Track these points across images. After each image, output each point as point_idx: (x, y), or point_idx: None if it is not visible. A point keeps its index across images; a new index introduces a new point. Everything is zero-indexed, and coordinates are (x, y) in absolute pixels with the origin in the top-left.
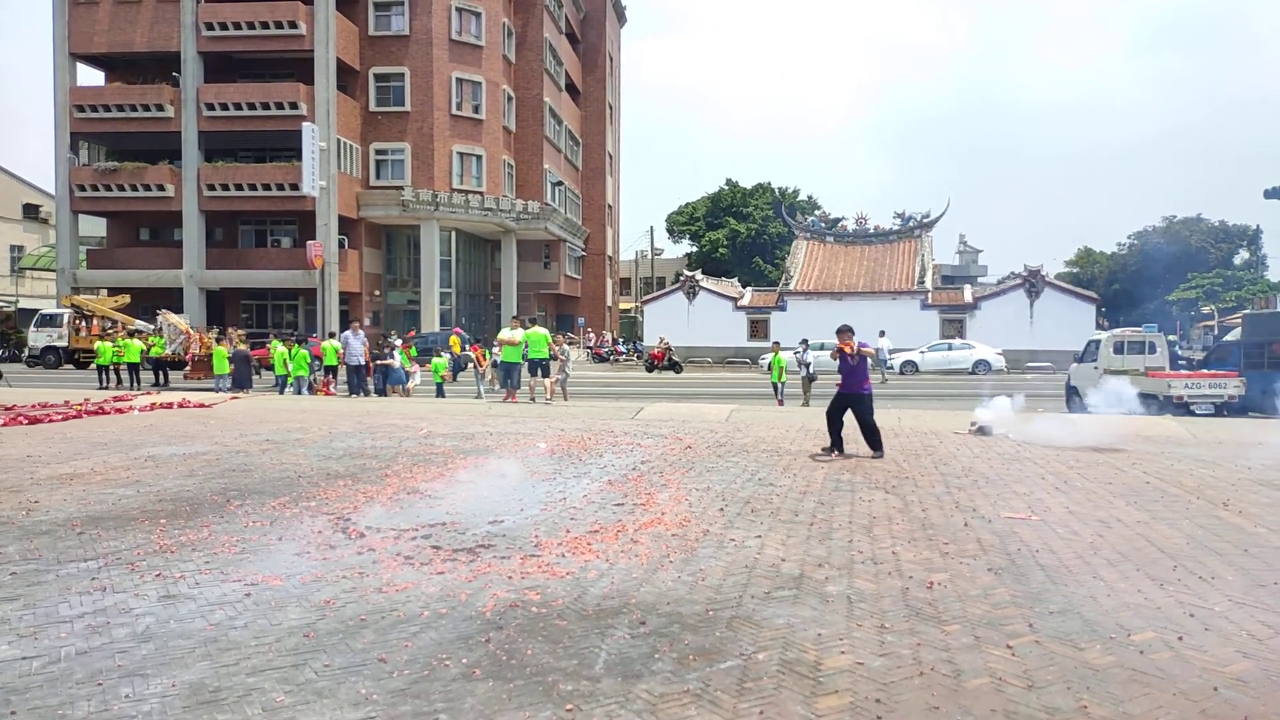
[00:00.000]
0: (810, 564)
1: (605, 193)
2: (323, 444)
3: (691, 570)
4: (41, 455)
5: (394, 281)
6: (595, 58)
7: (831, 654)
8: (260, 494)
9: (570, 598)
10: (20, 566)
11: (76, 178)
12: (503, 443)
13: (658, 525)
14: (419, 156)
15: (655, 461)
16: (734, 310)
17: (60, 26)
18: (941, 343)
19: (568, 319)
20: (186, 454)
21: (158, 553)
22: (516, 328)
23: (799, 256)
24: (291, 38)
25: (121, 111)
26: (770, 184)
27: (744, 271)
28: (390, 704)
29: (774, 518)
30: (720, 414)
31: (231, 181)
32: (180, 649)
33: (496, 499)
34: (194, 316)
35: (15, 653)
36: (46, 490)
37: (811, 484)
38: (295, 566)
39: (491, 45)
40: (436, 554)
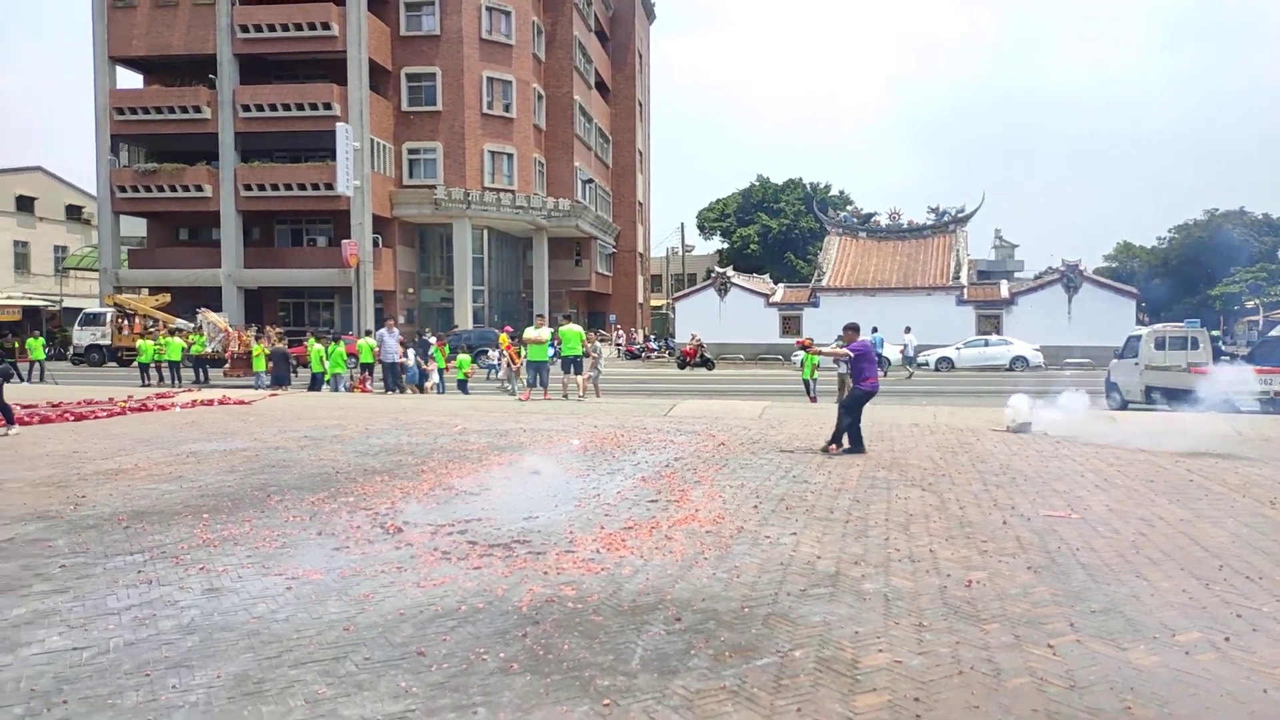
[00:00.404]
0: (846, 561)
1: (636, 190)
2: (360, 440)
3: (726, 567)
4: (87, 451)
5: (427, 280)
6: (625, 55)
7: (869, 652)
8: (299, 489)
9: (605, 593)
10: (69, 559)
11: (117, 179)
12: (536, 439)
13: (691, 522)
14: (451, 155)
15: (688, 458)
16: (766, 306)
17: (100, 31)
18: (978, 339)
19: (599, 316)
20: (227, 450)
21: (201, 546)
22: (541, 325)
23: (831, 252)
24: (324, 39)
25: (160, 114)
26: (802, 179)
27: (776, 268)
28: (429, 697)
29: (809, 515)
30: (753, 411)
31: (267, 182)
32: (224, 641)
33: (531, 495)
34: (233, 315)
35: (66, 643)
36: (93, 485)
37: (846, 481)
38: (334, 561)
39: (521, 44)
40: (473, 549)
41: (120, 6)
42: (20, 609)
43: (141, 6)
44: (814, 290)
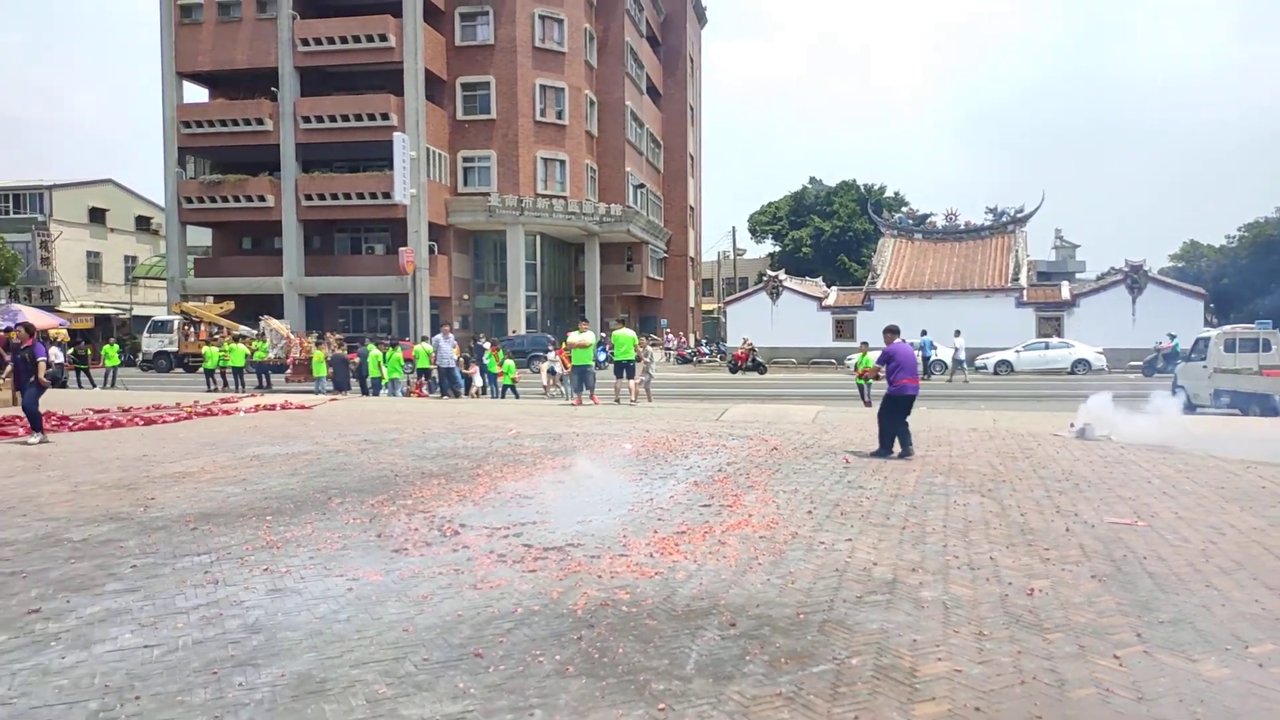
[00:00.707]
0: (903, 568)
1: (687, 194)
2: (417, 444)
3: (780, 573)
4: (156, 455)
5: (481, 286)
6: (676, 60)
7: (928, 660)
8: (359, 492)
9: (659, 598)
10: (139, 560)
11: (184, 191)
12: (589, 444)
13: (745, 527)
14: (504, 163)
15: (741, 463)
16: (819, 310)
17: (167, 47)
18: (1038, 341)
19: (650, 320)
20: (289, 453)
21: (265, 548)
22: (585, 330)
23: (886, 254)
24: (382, 50)
25: (224, 126)
26: (855, 181)
27: (828, 271)
28: (487, 698)
29: (864, 521)
30: (806, 415)
31: (327, 191)
32: (288, 640)
33: (584, 499)
34: (294, 322)
35: (138, 641)
36: (161, 487)
37: (903, 487)
38: (394, 563)
39: (574, 51)
40: (528, 552)
41: (187, 23)
42: (94, 607)
43: (207, 23)
44: (868, 293)
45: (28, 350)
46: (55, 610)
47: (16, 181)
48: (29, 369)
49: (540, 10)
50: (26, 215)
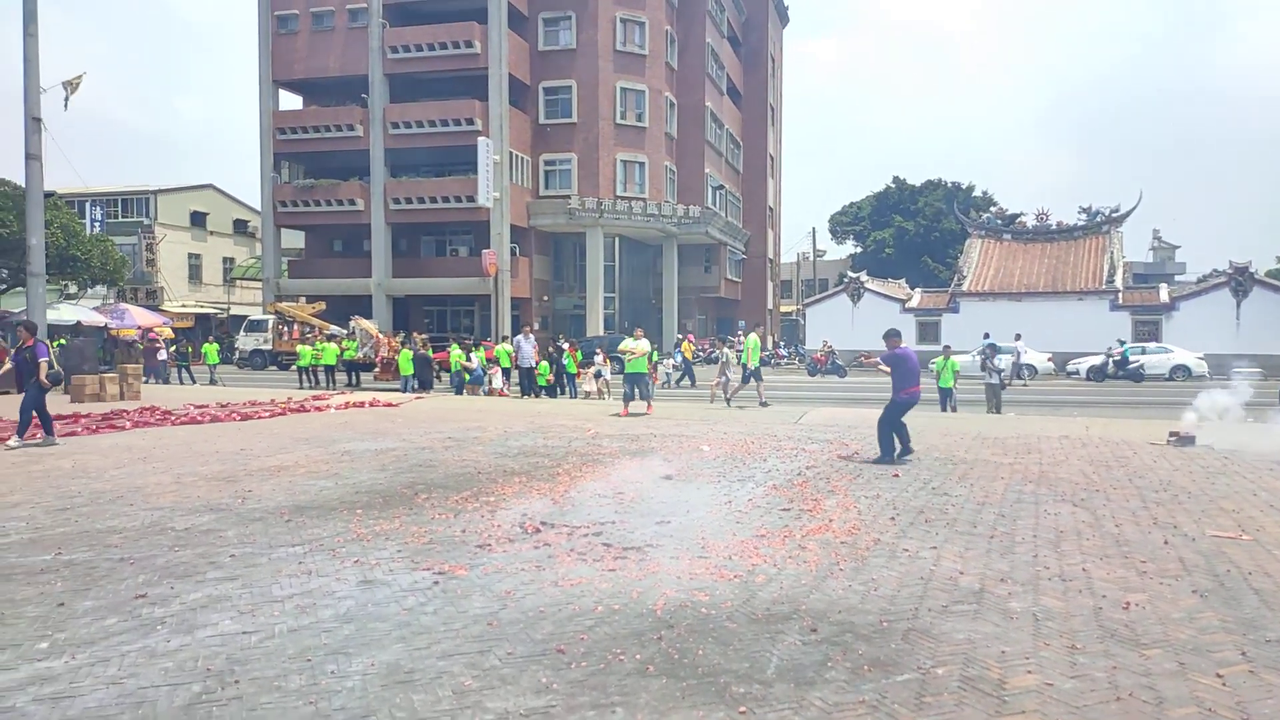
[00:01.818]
0: (991, 578)
1: (766, 195)
2: (499, 442)
3: (863, 579)
4: (253, 449)
5: (561, 287)
6: (757, 60)
7: (1017, 673)
8: (444, 488)
9: (739, 601)
10: (238, 549)
11: (279, 195)
12: (667, 445)
13: (825, 532)
14: (585, 166)
15: (821, 467)
16: (901, 312)
17: (264, 56)
18: (1135, 346)
19: (728, 322)
20: (378, 449)
21: (355, 540)
22: (640, 337)
23: (973, 255)
24: (467, 56)
25: (317, 132)
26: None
27: (912, 272)
28: (569, 694)
29: (950, 528)
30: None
31: (414, 195)
32: (378, 631)
33: (663, 500)
34: (382, 322)
35: (237, 628)
36: (258, 480)
37: (990, 494)
38: (478, 558)
39: (654, 53)
40: (607, 551)
41: (283, 33)
42: (197, 594)
43: (302, 32)
44: (953, 295)
45: (29, 350)
46: (161, 596)
47: (124, 187)
48: (30, 369)
49: (622, 13)
50: (133, 219)
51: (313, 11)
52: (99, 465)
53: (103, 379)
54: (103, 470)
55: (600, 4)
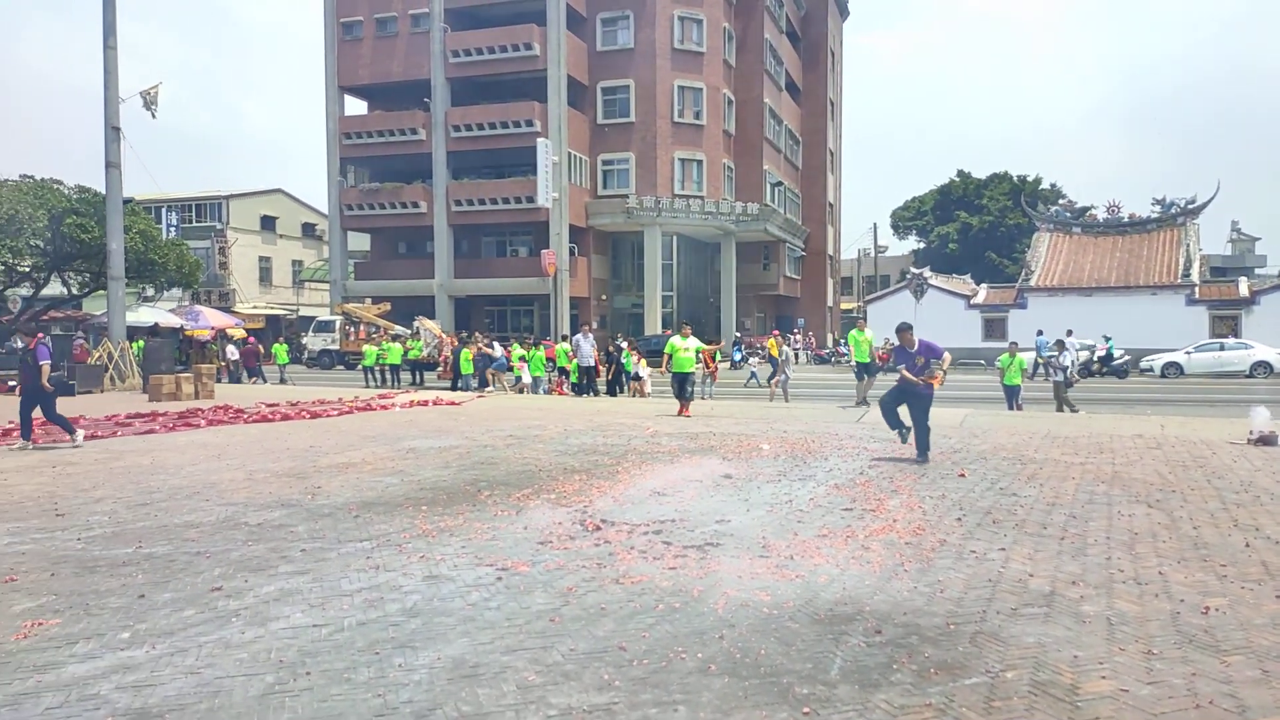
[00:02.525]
0: (1062, 581)
1: (826, 191)
2: (559, 440)
3: (928, 581)
4: (321, 446)
5: (619, 286)
6: (816, 54)
7: (1090, 678)
8: (506, 485)
9: (801, 601)
10: (308, 544)
11: (345, 198)
12: (726, 443)
13: (889, 532)
14: (642, 165)
15: (884, 466)
16: (967, 309)
17: (331, 63)
18: (1212, 342)
19: (787, 320)
20: (441, 447)
21: (421, 536)
22: (688, 335)
23: (1041, 249)
24: (527, 59)
25: (382, 137)
26: (1007, 173)
27: (977, 267)
28: (632, 691)
29: (1019, 530)
30: (953, 419)
31: (475, 197)
32: (443, 625)
33: (722, 498)
34: (443, 322)
35: (307, 620)
36: (327, 477)
37: (1061, 495)
38: (540, 554)
39: (712, 51)
40: (668, 549)
41: (348, 40)
42: (269, 587)
43: (366, 39)
44: (1021, 290)
45: (31, 353)
46: (235, 589)
47: (198, 192)
48: (33, 372)
49: (680, 11)
50: (207, 224)
51: (376, 18)
52: (176, 462)
53: (178, 378)
54: (180, 466)
55: (658, 3)
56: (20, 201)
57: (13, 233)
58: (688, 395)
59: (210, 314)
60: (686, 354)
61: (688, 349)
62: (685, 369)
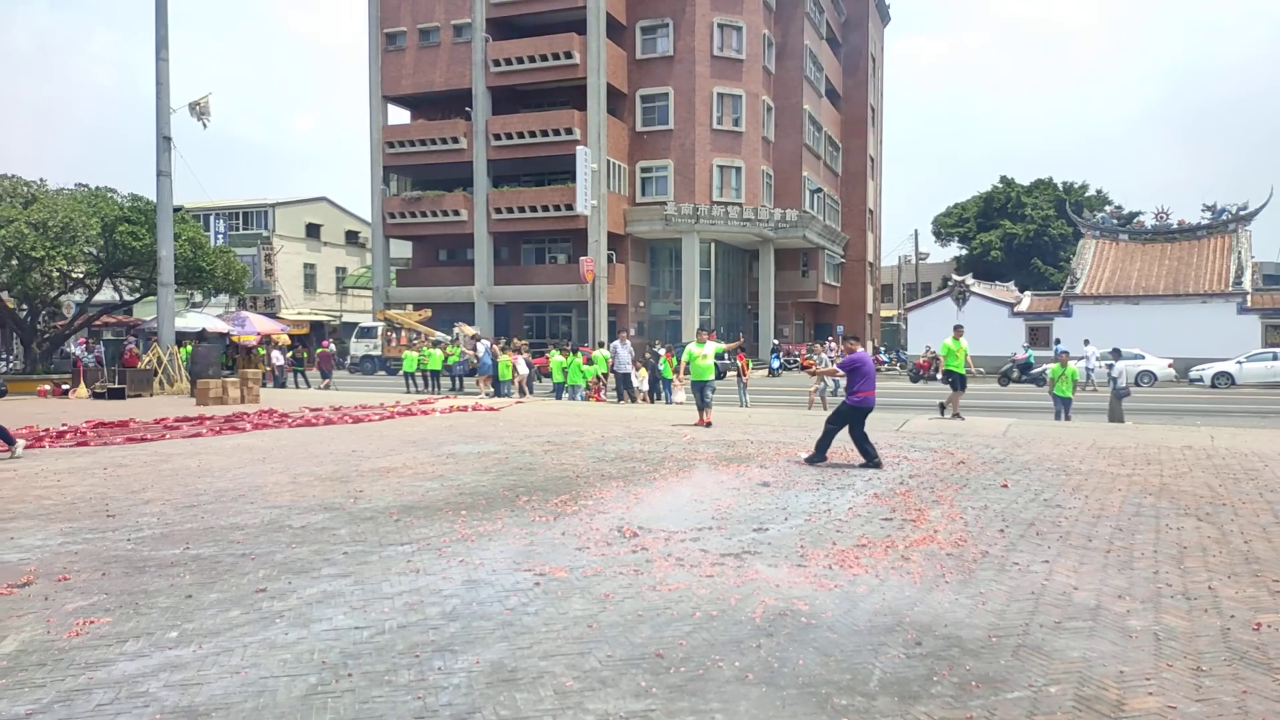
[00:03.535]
0: (1108, 595)
1: (866, 197)
2: (596, 447)
3: (970, 593)
4: (363, 450)
5: (657, 293)
6: (857, 60)
7: (1137, 694)
8: (544, 491)
9: (840, 611)
10: (350, 547)
11: (388, 206)
12: (764, 451)
13: (930, 543)
14: (681, 172)
15: (925, 476)
16: (1010, 316)
17: (374, 73)
18: (1264, 351)
19: (826, 327)
20: (481, 452)
21: (460, 540)
22: (706, 340)
23: (1086, 256)
24: (567, 67)
25: (424, 146)
26: (1052, 179)
27: (1021, 275)
28: (669, 699)
29: (1063, 542)
30: (996, 428)
31: (515, 205)
32: (482, 629)
33: (760, 506)
34: (483, 328)
35: (350, 622)
36: (368, 481)
37: (1107, 507)
38: (577, 560)
39: (752, 58)
40: (705, 557)
41: (391, 50)
42: (312, 589)
43: (409, 49)
44: (1066, 298)
45: None
46: (279, 590)
47: (245, 201)
48: None
49: (719, 19)
50: (253, 231)
51: (419, 28)
52: (222, 465)
53: (225, 383)
54: (226, 470)
55: (698, 10)
56: (75, 210)
57: (68, 240)
58: (707, 403)
59: (256, 320)
60: (705, 361)
61: (706, 355)
62: (704, 376)
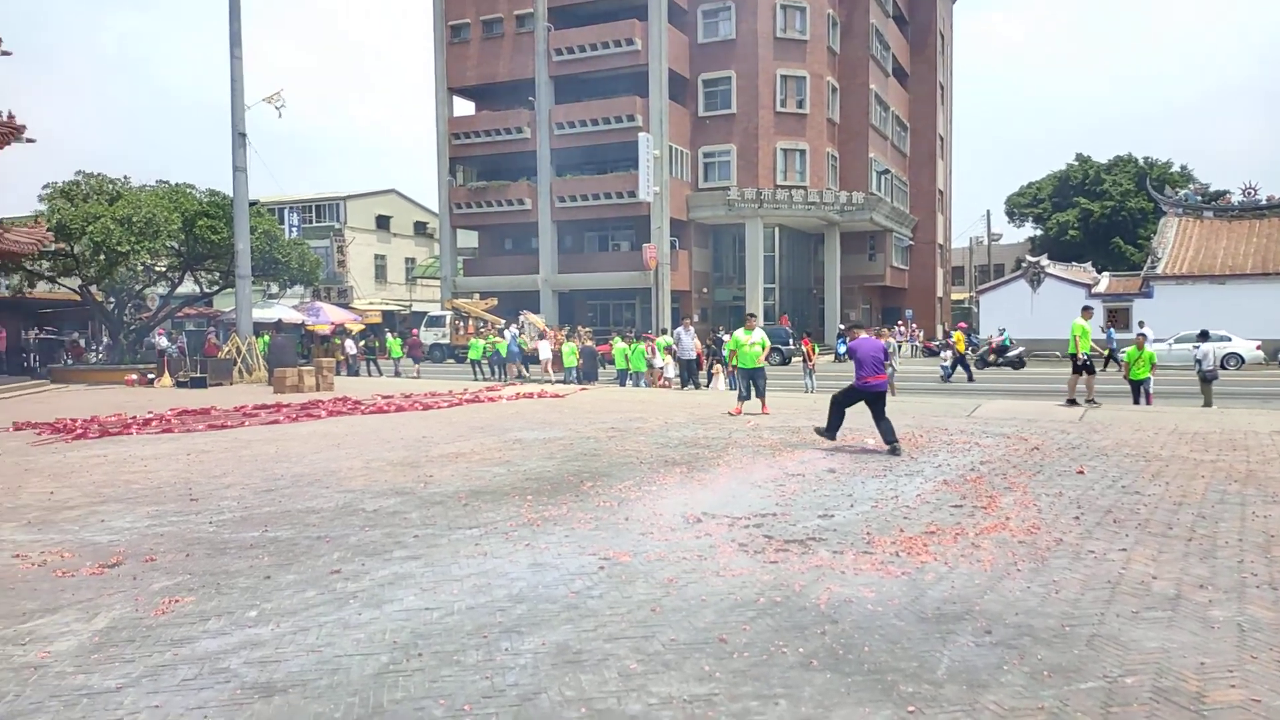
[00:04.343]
0: (1189, 584)
1: (935, 178)
2: (660, 433)
3: (1042, 581)
4: (433, 436)
5: (720, 279)
6: (925, 37)
7: (1218, 686)
8: (608, 477)
9: (907, 598)
10: (421, 530)
11: (454, 197)
12: None
13: (1002, 530)
14: (744, 156)
15: (996, 462)
16: (1088, 298)
17: (440, 65)
18: None
19: (894, 312)
20: (546, 439)
21: (526, 525)
22: (754, 327)
23: (1168, 235)
24: (629, 54)
25: (488, 136)
26: (1132, 156)
27: (1099, 255)
28: (732, 683)
29: (1141, 530)
30: (1072, 413)
31: (578, 193)
32: (548, 612)
33: (825, 493)
34: (548, 316)
35: (420, 603)
36: (438, 466)
37: (1189, 494)
38: (641, 545)
39: (816, 39)
40: (769, 543)
41: (456, 42)
42: (384, 571)
43: (473, 40)
44: (1146, 279)
45: None
46: (353, 572)
47: (317, 194)
48: None
49: (782, 0)
50: (326, 223)
51: (483, 20)
52: (299, 451)
53: (301, 371)
54: (302, 455)
55: None
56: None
57: (151, 235)
58: (760, 391)
59: (330, 310)
60: (752, 348)
61: (754, 343)
62: (751, 364)
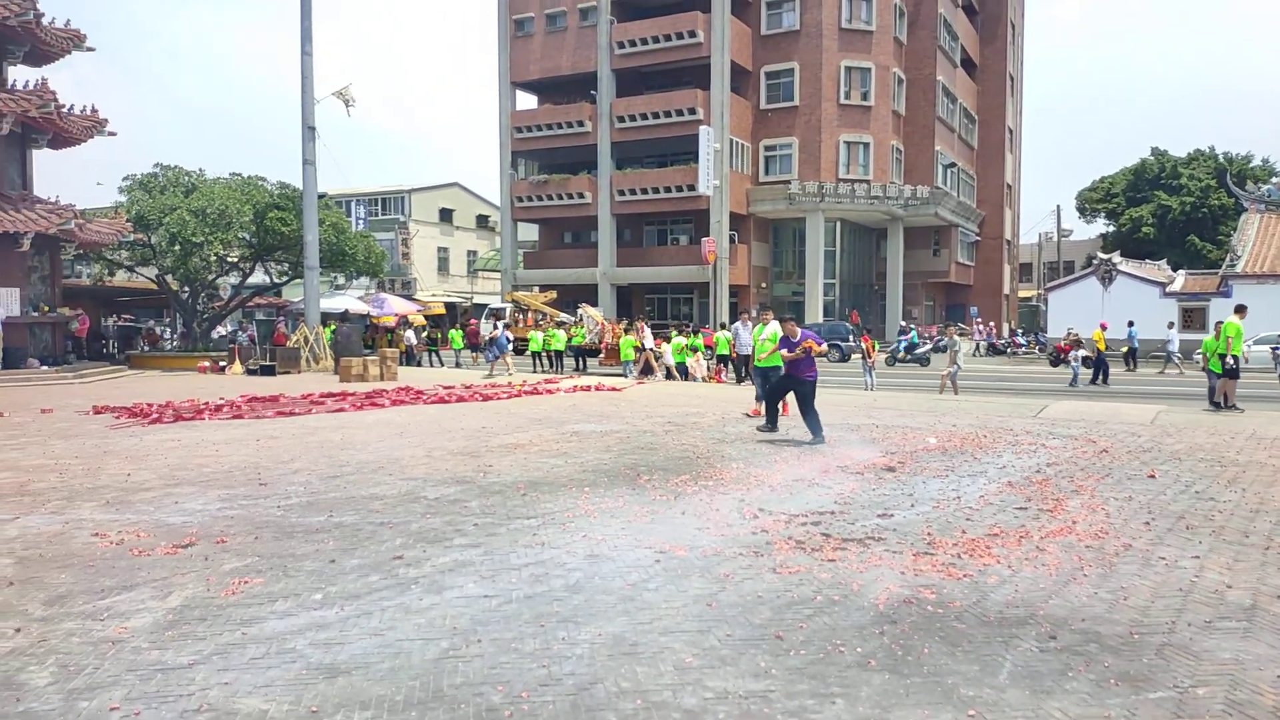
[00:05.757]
0: (1266, 594)
1: (1004, 172)
2: (716, 428)
3: (1110, 587)
4: (492, 427)
5: (779, 273)
6: (995, 27)
7: None
8: (665, 470)
9: (969, 601)
10: (480, 519)
11: (516, 191)
12: (890, 436)
13: (1068, 534)
14: (806, 149)
15: (1063, 465)
16: (1161, 297)
17: (503, 60)
18: None
19: (958, 309)
20: (603, 431)
21: (583, 516)
22: (768, 321)
23: (1249, 232)
24: (691, 46)
25: (550, 130)
26: (1212, 149)
27: (1175, 252)
28: (788, 680)
29: (1216, 537)
30: (1144, 415)
31: (638, 186)
32: (604, 603)
33: (885, 492)
34: (606, 309)
35: (479, 591)
36: (497, 456)
37: (1267, 500)
38: (697, 539)
39: (882, 29)
40: (827, 541)
41: (519, 36)
42: (445, 558)
43: (537, 34)
44: (1225, 277)
45: None
46: (415, 558)
47: (383, 187)
48: None
49: None
50: (391, 216)
51: (546, 14)
52: (363, 439)
53: (366, 361)
54: (366, 443)
55: None
56: (230, 198)
57: (224, 226)
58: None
59: (395, 301)
60: (764, 345)
61: (765, 339)
62: (772, 362)
